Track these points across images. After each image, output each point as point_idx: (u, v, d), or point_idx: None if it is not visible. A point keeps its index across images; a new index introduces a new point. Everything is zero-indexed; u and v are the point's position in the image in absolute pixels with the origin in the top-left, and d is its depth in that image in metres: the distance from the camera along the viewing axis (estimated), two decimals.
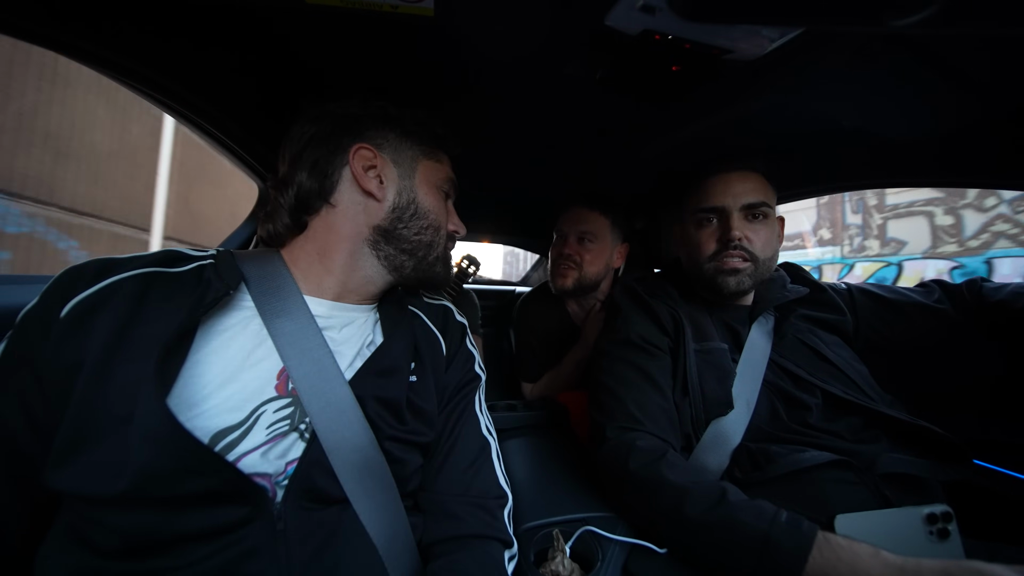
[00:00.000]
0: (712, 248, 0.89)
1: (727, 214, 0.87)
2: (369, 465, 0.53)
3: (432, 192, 0.68)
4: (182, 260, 0.56)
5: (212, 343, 0.50)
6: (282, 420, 0.51)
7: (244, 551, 0.45)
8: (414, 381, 0.62)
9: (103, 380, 0.44)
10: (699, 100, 0.81)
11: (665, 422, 0.77)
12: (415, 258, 0.67)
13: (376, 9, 0.57)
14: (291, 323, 0.55)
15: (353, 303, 0.65)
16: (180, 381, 0.46)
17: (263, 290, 0.57)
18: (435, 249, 0.69)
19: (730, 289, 0.87)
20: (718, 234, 0.88)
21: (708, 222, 0.90)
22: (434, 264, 0.70)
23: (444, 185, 0.71)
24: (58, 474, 0.43)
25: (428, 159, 0.69)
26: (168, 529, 0.43)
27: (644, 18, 0.54)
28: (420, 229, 0.66)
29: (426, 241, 0.67)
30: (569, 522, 0.70)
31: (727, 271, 0.87)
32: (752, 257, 0.86)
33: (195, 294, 0.51)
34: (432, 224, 0.68)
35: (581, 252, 1.32)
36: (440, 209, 0.70)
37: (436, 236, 0.69)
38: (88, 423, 0.43)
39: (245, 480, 0.45)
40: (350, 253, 0.63)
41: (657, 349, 0.87)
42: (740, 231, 0.85)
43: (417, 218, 0.66)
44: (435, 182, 0.69)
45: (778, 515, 0.57)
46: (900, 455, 0.72)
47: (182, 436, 0.42)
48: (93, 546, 0.43)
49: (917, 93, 0.74)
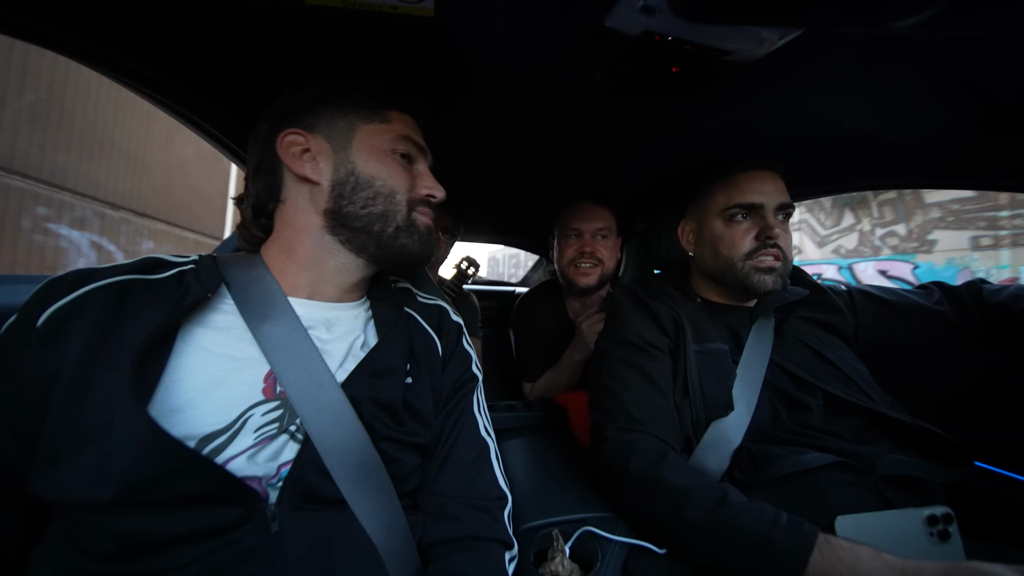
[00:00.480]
0: (748, 246, 0.86)
1: (763, 212, 0.86)
2: (365, 465, 0.53)
3: (375, 157, 0.62)
4: (163, 267, 0.56)
5: (194, 347, 0.50)
6: (270, 423, 0.50)
7: (238, 553, 0.45)
8: (410, 383, 0.62)
9: (82, 388, 0.44)
10: (699, 100, 0.81)
11: (665, 423, 0.77)
12: (372, 234, 0.61)
13: (376, 10, 0.57)
14: (275, 325, 0.54)
15: (336, 300, 0.64)
16: (162, 386, 0.46)
17: (245, 292, 0.56)
18: (392, 219, 0.62)
19: (767, 288, 0.85)
20: (755, 231, 0.86)
21: (742, 219, 0.88)
22: (396, 236, 0.62)
23: (395, 146, 0.64)
24: (43, 482, 0.43)
25: (369, 123, 0.63)
26: (161, 531, 0.43)
27: (644, 19, 0.54)
28: (366, 201, 0.60)
29: (378, 212, 0.61)
30: (568, 522, 0.70)
31: (764, 269, 0.85)
32: (784, 257, 0.86)
33: (174, 299, 0.51)
34: (380, 191, 0.61)
35: (600, 248, 1.34)
36: (391, 173, 0.62)
37: (390, 204, 0.61)
38: (69, 432, 0.43)
39: (234, 481, 0.45)
40: (312, 245, 0.61)
41: (657, 350, 0.86)
42: (778, 229, 0.84)
43: (359, 189, 0.60)
44: (379, 145, 0.63)
45: (779, 517, 0.57)
46: (901, 456, 0.72)
47: (164, 440, 0.42)
48: (87, 550, 0.43)
49: (918, 93, 0.74)
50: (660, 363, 0.85)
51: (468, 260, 1.66)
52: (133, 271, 0.53)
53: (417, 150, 0.67)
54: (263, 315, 0.55)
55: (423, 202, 0.66)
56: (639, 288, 1.00)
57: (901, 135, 0.88)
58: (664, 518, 0.64)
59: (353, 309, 0.65)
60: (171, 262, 0.57)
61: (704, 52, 0.60)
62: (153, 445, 0.41)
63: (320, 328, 0.59)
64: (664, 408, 0.79)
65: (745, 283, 0.87)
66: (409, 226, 0.64)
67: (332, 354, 0.58)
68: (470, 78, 0.79)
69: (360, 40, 0.68)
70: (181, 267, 0.56)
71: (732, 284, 0.90)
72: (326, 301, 0.63)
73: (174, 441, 0.42)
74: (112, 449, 0.41)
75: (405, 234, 0.63)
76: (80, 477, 0.42)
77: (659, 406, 0.79)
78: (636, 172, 1.25)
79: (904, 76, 0.68)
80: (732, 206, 0.88)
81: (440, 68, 0.75)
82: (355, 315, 0.65)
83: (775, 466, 0.71)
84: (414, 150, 0.67)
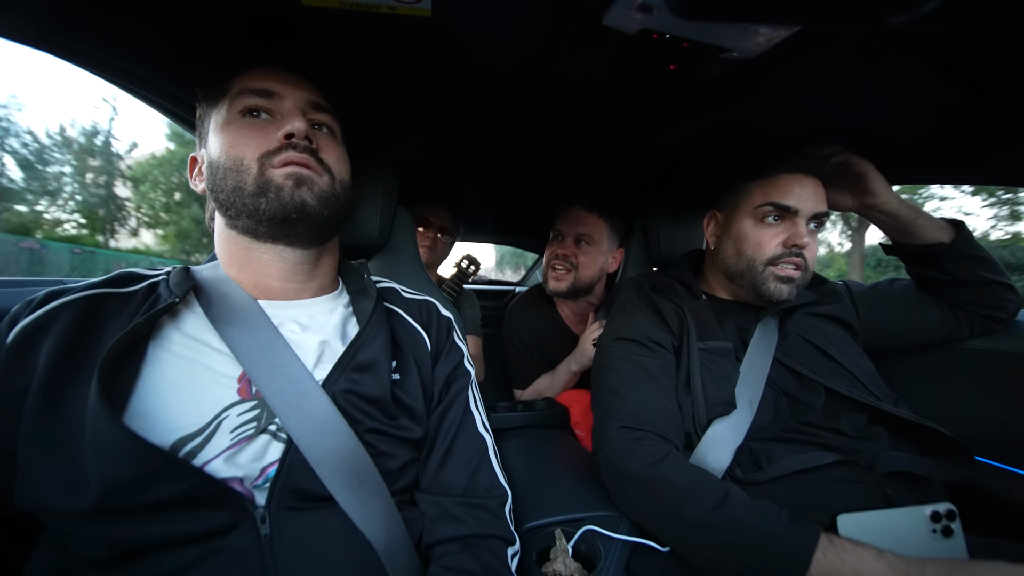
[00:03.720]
0: (773, 251, 0.83)
1: (796, 217, 0.82)
2: (350, 461, 0.52)
3: (220, 133, 0.58)
4: (135, 280, 0.56)
5: (165, 354, 0.50)
6: (247, 423, 0.50)
7: (230, 558, 0.45)
8: (397, 379, 0.62)
9: (52, 400, 0.45)
10: (698, 99, 0.81)
11: (667, 421, 0.77)
12: (240, 211, 0.56)
13: (373, 10, 0.57)
14: (241, 327, 0.54)
15: (302, 296, 0.64)
16: (135, 394, 0.46)
17: (212, 297, 0.56)
18: (245, 187, 0.56)
19: (782, 297, 0.83)
20: (782, 237, 0.82)
21: (773, 221, 0.84)
22: (256, 204, 0.55)
23: (235, 108, 0.58)
24: (25, 495, 0.43)
25: (214, 105, 0.60)
26: (147, 537, 0.44)
27: (642, 17, 0.54)
28: (222, 182, 0.57)
29: (231, 187, 0.56)
30: (571, 522, 0.70)
31: (783, 278, 0.82)
32: (805, 267, 0.83)
33: (143, 308, 0.52)
34: (226, 166, 0.56)
35: (577, 254, 1.30)
36: (235, 142, 0.57)
37: (238, 175, 0.56)
38: (42, 444, 0.43)
39: (214, 484, 0.45)
40: (233, 245, 0.61)
41: (660, 347, 0.86)
42: (806, 238, 0.81)
43: (216, 175, 0.57)
44: (221, 120, 0.58)
45: (781, 516, 0.57)
46: (903, 453, 0.72)
47: (139, 445, 0.42)
48: (76, 557, 0.43)
49: (919, 89, 0.73)
50: (663, 361, 0.85)
51: (468, 258, 1.66)
52: (104, 286, 0.54)
53: (263, 96, 0.59)
54: (229, 318, 0.55)
55: (283, 148, 0.57)
56: (644, 284, 0.99)
57: (899, 132, 0.88)
58: (666, 517, 0.64)
59: (327, 303, 0.65)
60: (144, 275, 0.58)
61: (702, 49, 0.60)
62: (127, 451, 0.42)
63: (292, 325, 0.59)
64: (667, 406, 0.79)
65: (761, 288, 0.84)
66: (261, 186, 0.56)
67: (307, 350, 0.57)
68: (468, 78, 0.79)
69: (359, 41, 0.68)
70: (153, 279, 0.57)
71: (748, 286, 0.87)
72: (292, 299, 0.63)
73: (149, 445, 0.42)
74: (88, 456, 0.41)
75: (261, 198, 0.56)
76: (59, 487, 0.42)
77: (662, 404, 0.79)
78: (637, 171, 1.25)
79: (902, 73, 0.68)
80: (767, 204, 0.83)
81: (439, 68, 0.76)
82: (330, 309, 0.64)
83: (776, 464, 0.71)
84: (260, 99, 0.58)
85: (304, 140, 0.58)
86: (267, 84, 0.59)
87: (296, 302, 0.63)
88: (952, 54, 0.64)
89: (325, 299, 0.66)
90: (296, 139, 0.57)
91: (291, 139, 0.57)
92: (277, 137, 0.57)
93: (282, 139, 0.57)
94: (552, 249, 1.35)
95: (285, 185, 0.56)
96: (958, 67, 0.66)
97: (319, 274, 0.66)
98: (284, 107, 0.60)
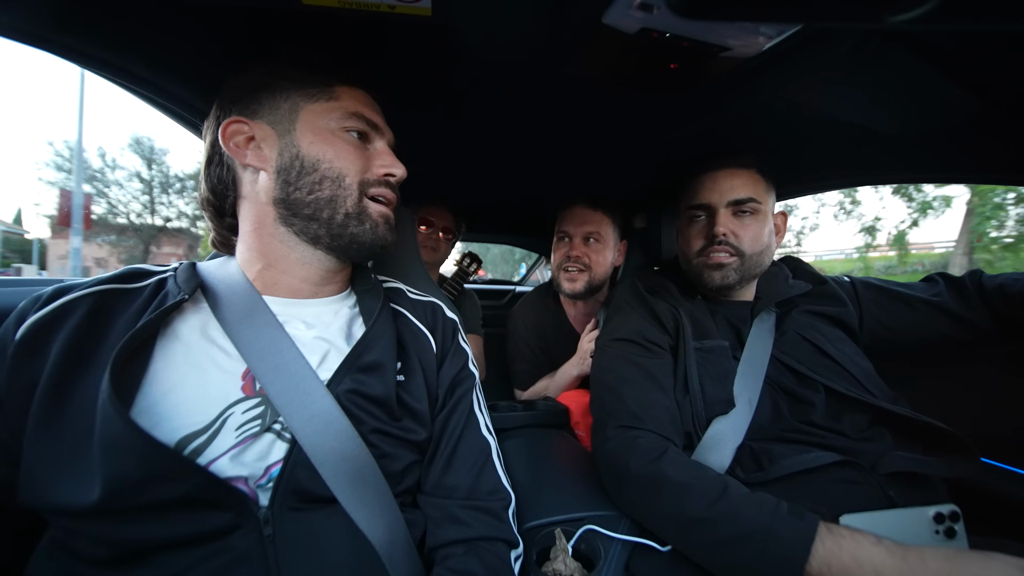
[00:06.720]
0: (699, 244, 0.91)
1: (714, 210, 0.89)
2: (353, 461, 0.52)
3: (322, 137, 0.58)
4: (143, 276, 0.56)
5: (172, 351, 0.50)
6: (252, 421, 0.50)
7: (233, 558, 0.45)
8: (402, 380, 0.61)
9: (61, 395, 0.45)
10: (698, 98, 0.81)
11: (666, 420, 0.77)
12: (321, 222, 0.58)
13: (373, 9, 0.57)
14: (248, 324, 0.54)
15: (313, 296, 0.63)
16: (141, 391, 0.46)
17: (219, 293, 0.56)
18: (342, 205, 0.58)
19: (715, 283, 0.89)
20: (705, 230, 0.90)
21: (697, 219, 0.93)
22: (346, 224, 0.59)
23: (343, 124, 0.60)
24: (30, 492, 0.43)
25: (313, 102, 0.59)
26: (151, 537, 0.43)
27: (642, 16, 0.54)
28: (312, 186, 0.57)
29: (325, 198, 0.58)
30: (571, 521, 0.70)
31: (712, 266, 0.89)
32: (738, 252, 0.87)
33: (152, 305, 0.52)
34: (326, 175, 0.58)
35: (588, 253, 1.31)
36: (338, 155, 0.59)
37: (338, 189, 0.58)
38: (50, 438, 0.43)
39: (219, 484, 0.45)
40: (270, 239, 0.60)
41: (657, 347, 0.86)
42: (725, 227, 0.87)
43: (304, 174, 0.57)
44: (325, 125, 0.59)
45: (780, 507, 0.57)
46: (905, 453, 0.71)
47: (146, 442, 0.42)
48: (80, 556, 0.43)
49: (917, 89, 0.73)
50: (661, 360, 0.85)
51: (470, 256, 1.65)
52: (112, 282, 0.54)
53: (371, 127, 0.63)
54: (236, 315, 0.55)
55: (381, 183, 0.62)
56: (640, 284, 1.00)
57: (898, 131, 0.88)
58: (666, 513, 0.64)
59: (334, 304, 0.65)
60: (152, 271, 0.57)
61: (702, 48, 0.60)
62: (135, 448, 0.41)
63: (298, 324, 0.59)
64: (665, 405, 0.79)
65: (699, 279, 0.92)
66: (360, 213, 0.60)
67: (312, 349, 0.57)
68: (468, 77, 0.79)
69: (358, 40, 0.68)
70: (161, 275, 0.57)
71: (695, 280, 0.94)
72: (303, 298, 0.62)
73: (156, 443, 0.42)
74: (94, 454, 0.41)
75: (355, 222, 0.59)
76: (66, 484, 0.42)
77: (660, 403, 0.79)
78: (637, 171, 1.25)
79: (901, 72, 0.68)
80: (688, 207, 0.95)
81: (438, 68, 0.76)
82: (335, 310, 0.64)
83: (778, 465, 0.71)
84: (367, 128, 0.62)
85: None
86: (374, 117, 0.64)
87: (305, 301, 0.62)
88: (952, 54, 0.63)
89: (333, 299, 0.66)
90: (396, 180, 0.64)
91: (393, 177, 0.63)
92: (377, 171, 0.62)
93: (383, 175, 0.62)
94: (562, 252, 1.35)
95: (379, 222, 0.62)
96: (958, 67, 0.66)
97: (339, 279, 0.67)
98: (378, 143, 0.64)
